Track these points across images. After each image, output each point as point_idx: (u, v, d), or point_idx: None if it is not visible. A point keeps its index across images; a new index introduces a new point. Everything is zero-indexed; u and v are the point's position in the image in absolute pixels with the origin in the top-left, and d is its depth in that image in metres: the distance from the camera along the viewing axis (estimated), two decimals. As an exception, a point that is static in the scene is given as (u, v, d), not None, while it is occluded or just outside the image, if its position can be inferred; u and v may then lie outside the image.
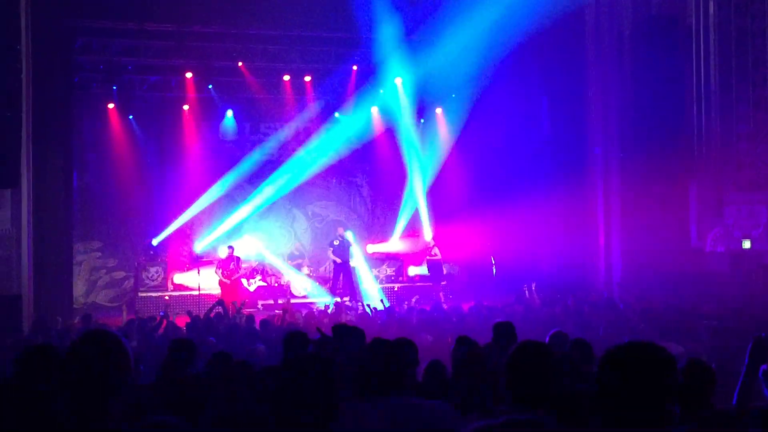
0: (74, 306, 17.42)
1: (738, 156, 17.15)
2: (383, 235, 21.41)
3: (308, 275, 19.60)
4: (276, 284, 19.15)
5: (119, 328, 11.42)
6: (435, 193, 21.22)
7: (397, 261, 20.63)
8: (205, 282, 17.79)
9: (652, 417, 2.44)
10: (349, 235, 19.23)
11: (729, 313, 11.79)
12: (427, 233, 20.93)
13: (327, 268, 20.10)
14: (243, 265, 17.83)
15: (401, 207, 21.31)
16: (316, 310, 15.08)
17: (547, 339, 6.27)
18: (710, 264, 16.65)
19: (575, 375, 4.78)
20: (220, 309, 12.79)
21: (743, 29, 17.00)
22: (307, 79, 20.23)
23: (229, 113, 20.64)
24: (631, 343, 2.57)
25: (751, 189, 16.85)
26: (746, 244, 16.27)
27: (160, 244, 19.47)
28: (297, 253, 20.83)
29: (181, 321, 12.38)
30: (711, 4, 17.29)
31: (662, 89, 17.23)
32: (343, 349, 5.42)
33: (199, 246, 19.88)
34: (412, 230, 21.28)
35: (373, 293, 18.23)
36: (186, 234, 20.10)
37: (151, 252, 19.23)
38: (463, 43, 18.12)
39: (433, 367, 5.38)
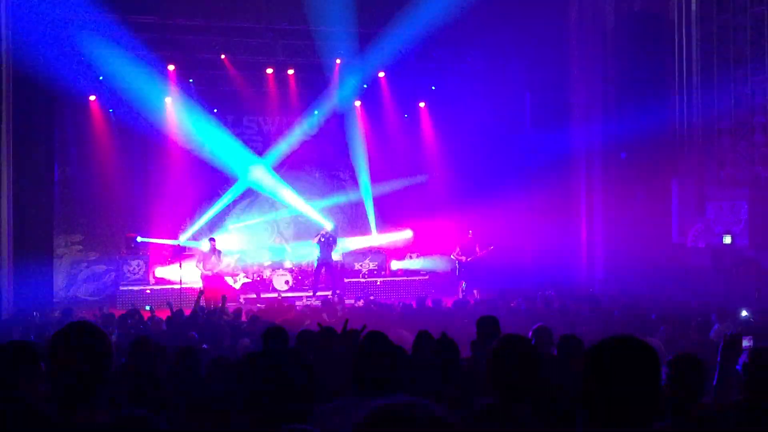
0: (54, 300, 17.30)
1: (719, 152, 17.26)
2: (366, 230, 21.39)
3: (290, 269, 19.55)
4: (257, 278, 19.09)
5: (97, 321, 11.34)
6: (417, 188, 21.24)
7: (380, 255, 20.60)
8: (187, 275, 17.72)
9: (637, 412, 2.44)
10: (333, 229, 19.16)
11: (710, 307, 11.85)
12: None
13: (310, 262, 20.04)
14: (224, 258, 17.73)
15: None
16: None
17: (530, 333, 6.28)
18: (692, 259, 16.76)
19: (561, 372, 4.79)
20: (203, 303, 12.75)
21: (725, 25, 17.09)
22: (290, 72, 20.17)
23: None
24: (615, 338, 2.57)
25: (732, 185, 16.97)
26: (727, 240, 16.38)
27: (142, 236, 19.35)
28: (279, 246, 20.76)
29: (163, 314, 12.32)
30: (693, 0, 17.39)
31: (644, 85, 17.31)
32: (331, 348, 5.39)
33: (182, 238, 19.79)
34: (396, 225, 21.26)
35: None
36: (168, 227, 19.99)
37: (133, 245, 19.10)
38: (448, 38, 18.15)
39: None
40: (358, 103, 21.16)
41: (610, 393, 2.45)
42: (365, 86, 20.70)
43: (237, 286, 18.37)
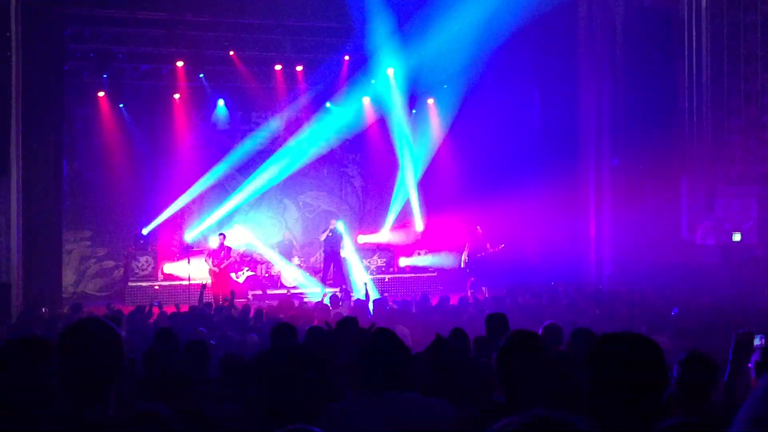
0: (63, 295, 17.34)
1: (729, 149, 17.19)
2: (374, 226, 21.39)
3: (299, 265, 19.56)
4: (266, 274, 19.11)
5: (106, 316, 11.33)
6: (426, 184, 21.20)
7: (388, 252, 20.60)
8: (195, 271, 17.74)
9: (640, 408, 2.43)
10: (341, 226, 19.18)
11: (719, 305, 11.82)
12: (419, 224, 21.00)
13: (318, 258, 20.07)
14: (233, 255, 17.72)
15: (392, 198, 21.28)
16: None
17: (540, 331, 6.26)
18: (701, 256, 16.71)
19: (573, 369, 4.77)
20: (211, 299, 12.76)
21: (735, 23, 17.02)
22: (299, 68, 20.15)
23: (221, 102, 20.54)
24: (617, 333, 2.56)
25: (742, 182, 16.91)
26: (736, 237, 16.33)
27: (151, 233, 19.38)
28: (287, 243, 20.76)
29: (170, 311, 12.35)
30: (703, -4, 17.32)
31: (654, 82, 17.26)
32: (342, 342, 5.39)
33: (190, 235, 19.79)
34: (405, 221, 21.26)
35: (361, 284, 18.04)
36: (176, 223, 20.02)
37: (141, 241, 19.13)
38: (456, 33, 18.09)
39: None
40: (366, 99, 21.14)
41: (613, 389, 2.45)
42: (373, 81, 20.68)
43: (240, 280, 18.36)
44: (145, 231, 19.24)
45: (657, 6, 17.87)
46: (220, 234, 17.64)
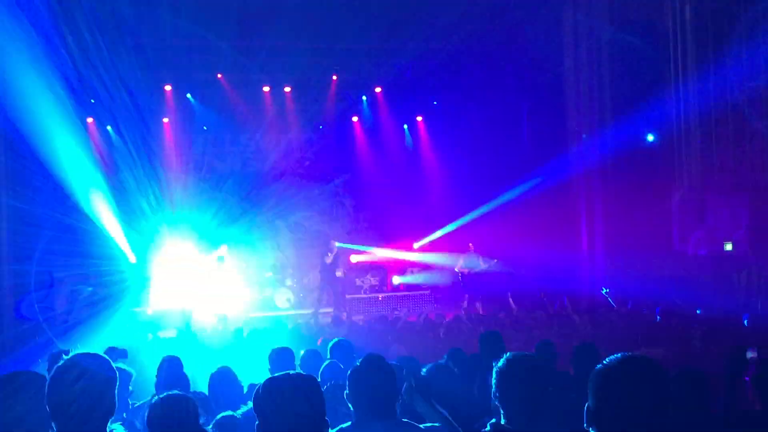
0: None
1: (718, 159, 17.25)
2: (366, 245, 21.31)
3: (292, 287, 19.48)
4: (260, 296, 19.02)
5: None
6: (416, 201, 21.22)
7: (382, 270, 20.55)
8: (185, 296, 17.63)
9: (647, 429, 2.43)
10: (338, 247, 19.19)
11: (712, 316, 11.83)
12: (417, 242, 21.03)
13: (311, 279, 19.98)
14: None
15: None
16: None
17: (534, 348, 6.26)
18: (693, 267, 16.73)
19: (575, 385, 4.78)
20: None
21: (719, 34, 17.12)
22: (287, 89, 20.17)
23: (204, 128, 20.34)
24: (622, 357, 2.56)
25: (732, 192, 16.96)
26: (728, 247, 16.36)
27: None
28: (280, 264, 20.69)
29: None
30: (687, 8, 17.40)
31: (641, 94, 17.33)
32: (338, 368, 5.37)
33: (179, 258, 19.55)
34: (400, 239, 21.13)
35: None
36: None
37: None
38: (444, 50, 18.19)
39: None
40: (355, 119, 21.18)
41: (618, 411, 2.44)
42: (364, 98, 20.74)
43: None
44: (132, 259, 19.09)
45: (642, 19, 17.96)
46: (219, 257, 17.55)
